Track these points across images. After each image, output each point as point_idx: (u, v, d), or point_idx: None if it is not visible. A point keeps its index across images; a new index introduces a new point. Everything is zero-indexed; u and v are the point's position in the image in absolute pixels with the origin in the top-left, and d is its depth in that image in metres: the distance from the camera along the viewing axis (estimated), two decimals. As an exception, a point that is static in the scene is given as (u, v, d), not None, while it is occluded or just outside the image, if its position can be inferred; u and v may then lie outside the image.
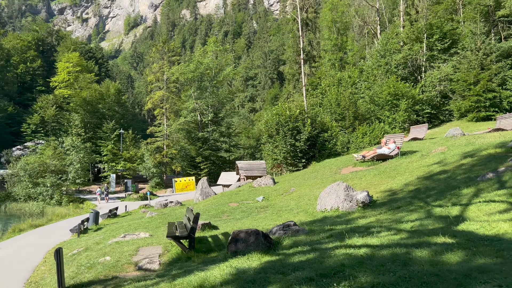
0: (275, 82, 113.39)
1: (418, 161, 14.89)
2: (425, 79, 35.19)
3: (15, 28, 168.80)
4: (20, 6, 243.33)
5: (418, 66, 37.45)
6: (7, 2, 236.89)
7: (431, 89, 34.09)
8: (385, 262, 4.47)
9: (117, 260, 8.24)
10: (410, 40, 37.07)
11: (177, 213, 17.36)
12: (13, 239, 18.41)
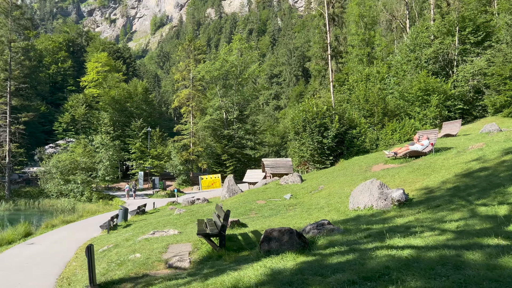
0: (300, 79, 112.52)
1: (454, 158, 14.23)
2: (457, 73, 33.95)
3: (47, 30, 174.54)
4: (52, 8, 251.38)
5: (450, 60, 36.16)
6: (39, 5, 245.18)
7: (464, 84, 32.86)
8: (434, 265, 4.13)
9: (147, 257, 8.17)
10: (441, 34, 35.82)
11: (204, 210, 17.30)
12: (46, 234, 18.84)
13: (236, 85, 51.66)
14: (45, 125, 62.97)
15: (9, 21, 45.00)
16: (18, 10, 46.97)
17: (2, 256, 13.17)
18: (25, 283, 8.80)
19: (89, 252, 6.10)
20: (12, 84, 45.56)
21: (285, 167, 31.00)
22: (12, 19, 45.36)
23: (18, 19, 46.96)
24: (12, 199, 41.69)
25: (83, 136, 51.90)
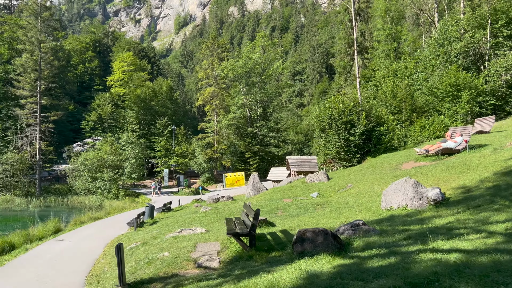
0: (324, 76, 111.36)
1: (491, 155, 13.58)
2: (489, 68, 32.63)
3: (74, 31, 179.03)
4: (79, 10, 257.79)
5: (481, 54, 34.82)
6: (67, 6, 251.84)
7: (496, 78, 31.56)
8: (488, 272, 3.79)
9: (175, 256, 8.06)
10: (472, 27, 34.52)
11: (230, 208, 17.18)
12: (74, 231, 19.15)
13: (259, 82, 51.44)
14: (73, 124, 64.51)
15: (39, 22, 46.22)
16: (47, 12, 48.19)
17: (33, 252, 13.41)
18: (56, 280, 8.86)
19: (118, 251, 6.01)
20: (42, 84, 46.80)
21: (310, 165, 30.61)
22: (42, 20, 46.56)
23: (47, 20, 48.19)
24: (42, 196, 42.88)
25: (110, 134, 52.86)
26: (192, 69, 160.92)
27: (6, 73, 54.37)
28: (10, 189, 43.32)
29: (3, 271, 10.36)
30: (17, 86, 47.45)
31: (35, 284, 8.47)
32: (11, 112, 50.61)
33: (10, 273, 9.88)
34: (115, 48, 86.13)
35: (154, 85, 61.54)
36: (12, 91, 49.32)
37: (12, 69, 53.08)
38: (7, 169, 42.20)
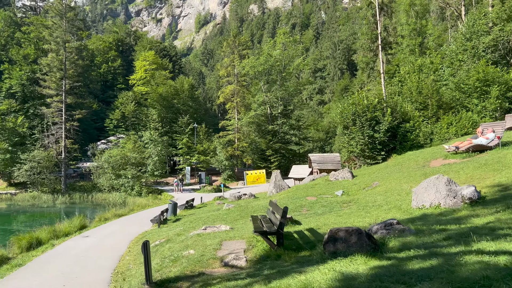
0: (345, 73, 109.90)
1: (527, 152, 12.96)
2: (520, 62, 31.39)
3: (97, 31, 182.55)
4: (102, 10, 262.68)
5: (511, 48, 33.53)
6: (91, 7, 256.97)
7: (527, 73, 30.28)
8: (546, 277, 3.47)
9: (201, 254, 7.92)
10: (501, 20, 33.26)
11: (253, 206, 17.00)
12: (99, 227, 19.37)
13: (280, 79, 51.10)
14: (97, 122, 65.68)
15: (64, 22, 47.15)
16: (72, 12, 49.12)
17: (60, 248, 13.57)
18: (82, 276, 8.87)
19: (145, 248, 5.90)
20: (67, 83, 47.77)
21: (333, 162, 30.15)
22: (66, 20, 47.49)
23: (72, 20, 49.14)
24: (67, 193, 43.80)
25: (133, 132, 53.57)
26: (212, 68, 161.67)
27: (33, 72, 55.75)
28: (37, 186, 44.44)
29: (30, 266, 10.49)
30: (43, 85, 48.59)
31: (62, 281, 8.49)
32: (38, 111, 51.90)
33: (37, 269, 9.97)
34: (137, 47, 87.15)
35: (175, 84, 62.00)
36: (38, 90, 50.54)
37: (38, 68, 54.38)
38: (34, 167, 43.26)
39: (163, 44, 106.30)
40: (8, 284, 8.53)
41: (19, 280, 8.83)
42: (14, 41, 65.05)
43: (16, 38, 65.35)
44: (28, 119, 53.72)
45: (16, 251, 16.41)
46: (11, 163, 45.19)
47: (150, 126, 53.70)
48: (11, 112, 52.83)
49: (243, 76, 52.13)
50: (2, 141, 45.78)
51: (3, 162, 45.40)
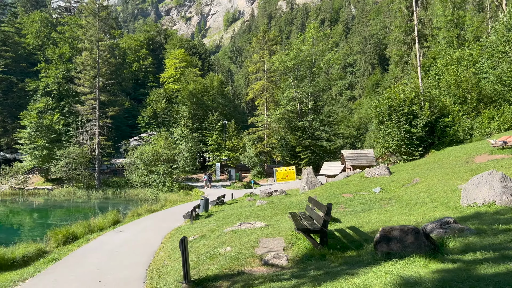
0: (376, 68, 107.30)
1: None
2: None
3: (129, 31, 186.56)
4: (133, 10, 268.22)
5: (558, 38, 31.53)
6: (122, 7, 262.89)
7: None
8: None
9: (239, 252, 7.59)
10: (547, 8, 31.31)
11: (286, 202, 16.57)
12: (132, 223, 19.46)
13: (310, 75, 50.27)
14: (129, 120, 66.87)
15: (97, 21, 48.12)
16: (105, 10, 50.09)
17: (95, 243, 13.61)
18: (117, 272, 8.73)
19: (183, 245, 5.61)
20: (100, 81, 48.78)
21: (367, 159, 29.28)
22: (100, 19, 48.45)
23: (105, 19, 50.09)
24: (101, 188, 44.77)
25: (164, 129, 54.15)
26: (241, 65, 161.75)
27: (68, 71, 57.33)
28: (72, 182, 45.66)
29: (67, 261, 10.50)
30: (78, 83, 49.84)
31: (97, 276, 8.38)
32: (73, 108, 53.33)
33: (73, 264, 9.95)
34: (168, 46, 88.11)
35: (205, 81, 62.28)
36: (73, 88, 51.90)
37: (73, 67, 55.88)
38: (70, 163, 44.44)
39: (193, 42, 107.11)
40: (45, 279, 8.50)
41: (55, 275, 8.79)
42: (50, 41, 67.19)
43: (52, 38, 67.46)
44: (64, 117, 55.28)
45: (53, 245, 16.69)
46: (48, 159, 46.63)
47: (181, 122, 54.11)
48: (48, 109, 54.52)
49: (273, 72, 51.58)
50: (40, 138, 47.29)
51: (41, 158, 46.91)
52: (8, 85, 56.62)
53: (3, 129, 54.22)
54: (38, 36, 70.58)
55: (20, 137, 48.57)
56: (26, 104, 55.40)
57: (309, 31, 50.94)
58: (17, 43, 65.08)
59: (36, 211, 35.28)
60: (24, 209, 37.02)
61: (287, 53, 49.87)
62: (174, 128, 52.42)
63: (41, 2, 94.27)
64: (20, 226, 28.25)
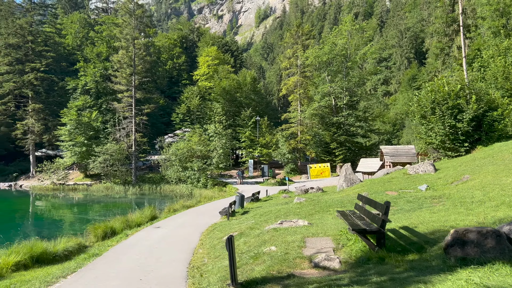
0: (413, 62, 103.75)
1: None
2: None
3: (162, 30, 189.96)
4: (167, 9, 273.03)
5: None
6: (156, 7, 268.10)
7: None
8: None
9: (285, 252, 7.14)
10: None
11: (326, 200, 15.98)
12: (169, 218, 19.45)
13: (345, 69, 49.04)
14: (163, 117, 67.86)
15: (133, 19, 48.93)
16: (140, 9, 50.89)
17: (133, 238, 13.57)
18: (158, 269, 8.51)
19: (229, 244, 5.23)
20: (136, 79, 49.63)
21: (408, 155, 28.10)
22: (135, 17, 49.25)
23: (140, 17, 50.92)
24: (137, 184, 45.59)
25: (198, 126, 54.52)
26: (272, 62, 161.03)
27: (105, 69, 58.79)
28: (110, 177, 46.78)
29: (107, 257, 10.41)
30: (114, 81, 50.96)
31: (138, 273, 8.17)
32: (110, 106, 54.63)
33: (113, 260, 9.84)
34: (200, 44, 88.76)
35: (238, 77, 62.17)
36: (110, 86, 53.12)
37: (110, 65, 57.24)
38: (107, 159, 45.51)
39: (225, 40, 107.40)
40: (86, 275, 8.39)
41: (96, 271, 8.67)
42: (88, 41, 69.17)
43: (90, 38, 69.42)
44: (102, 114, 56.73)
45: (93, 240, 16.89)
46: (87, 156, 47.98)
47: (214, 119, 54.27)
48: (86, 107, 56.14)
49: (307, 66, 50.65)
50: (79, 135, 48.72)
51: (80, 154, 48.36)
52: (49, 84, 58.70)
53: (45, 126, 56.28)
54: (77, 37, 72.84)
55: (60, 134, 50.25)
56: (66, 102, 57.30)
57: (344, 25, 49.66)
58: (58, 43, 67.40)
59: (76, 206, 36.30)
60: (64, 203, 38.22)
61: (321, 47, 48.83)
62: (208, 125, 52.65)
63: (80, 3, 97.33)
64: (61, 221, 29.07)
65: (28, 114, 56.49)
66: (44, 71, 57.89)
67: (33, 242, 13.85)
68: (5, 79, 55.64)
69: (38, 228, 25.67)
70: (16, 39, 57.08)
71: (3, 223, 28.40)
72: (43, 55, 59.11)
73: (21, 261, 13.01)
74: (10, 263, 12.71)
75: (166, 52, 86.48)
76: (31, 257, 13.32)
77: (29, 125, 55.51)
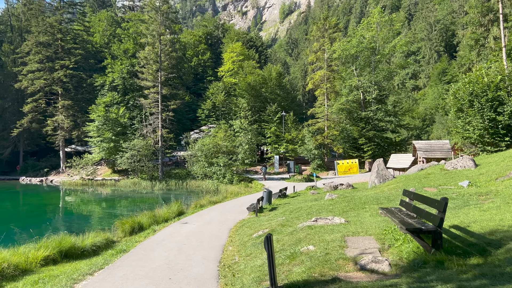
0: (443, 55, 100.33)
1: None
2: None
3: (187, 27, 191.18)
4: (191, 7, 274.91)
5: None
6: (181, 5, 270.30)
7: None
8: None
9: (325, 252, 6.56)
10: None
11: (360, 196, 15.23)
12: (196, 214, 19.16)
13: (374, 62, 47.62)
14: (189, 114, 68.06)
15: (159, 15, 49.06)
16: (166, 5, 50.97)
17: (161, 234, 13.28)
18: (187, 268, 8.10)
19: (268, 244, 4.71)
20: (162, 75, 49.81)
21: (442, 150, 26.86)
22: (161, 13, 49.36)
23: (166, 13, 51.02)
24: (164, 180, 45.81)
25: (223, 121, 54.29)
26: (297, 57, 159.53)
27: (132, 66, 59.38)
28: (137, 173, 47.22)
29: (134, 253, 10.10)
30: (141, 77, 51.32)
31: (167, 273, 7.77)
32: (137, 102, 55.15)
33: (141, 257, 9.50)
34: (225, 40, 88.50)
35: (263, 72, 61.54)
36: (137, 82, 53.56)
37: (137, 62, 57.76)
38: (135, 155, 45.91)
39: (250, 35, 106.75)
40: (113, 273, 8.06)
41: (124, 269, 8.33)
42: (115, 38, 70.09)
43: (117, 35, 70.33)
44: (129, 110, 57.34)
45: (120, 235, 16.78)
46: (115, 151, 48.58)
47: (240, 114, 53.88)
48: (114, 103, 56.86)
49: (333, 60, 49.44)
50: (107, 131, 49.37)
51: (108, 150, 49.02)
52: (78, 81, 59.78)
53: (74, 122, 57.38)
54: (104, 35, 73.95)
55: (89, 130, 51.08)
56: (94, 98, 58.22)
57: (372, 17, 48.19)
58: (86, 41, 68.59)
59: (104, 200, 36.74)
60: (93, 198, 38.78)
61: (349, 40, 47.56)
62: (233, 120, 52.34)
63: (107, 2, 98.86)
64: (90, 215, 29.41)
65: (58, 111, 57.72)
66: (73, 68, 58.98)
67: (61, 236, 13.80)
68: (36, 77, 56.99)
69: (68, 223, 25.99)
70: (46, 37, 58.33)
71: (35, 217, 28.98)
72: (72, 53, 60.21)
73: (50, 256, 12.96)
74: (39, 258, 12.66)
75: (191, 49, 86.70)
76: (60, 251, 13.26)
77: (59, 122, 56.71)
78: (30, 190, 46.67)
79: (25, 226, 22.88)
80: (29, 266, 12.17)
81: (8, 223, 25.92)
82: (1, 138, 60.86)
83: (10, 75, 61.72)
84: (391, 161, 33.54)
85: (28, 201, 38.92)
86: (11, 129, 57.79)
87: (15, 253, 12.51)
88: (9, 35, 71.11)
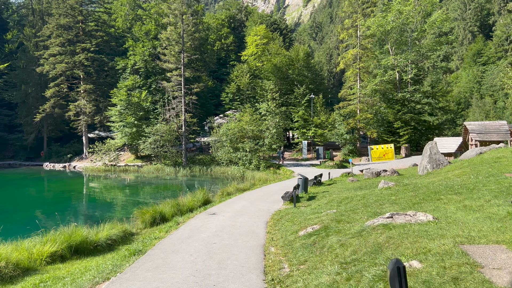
0: (477, 36, 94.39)
1: None
2: None
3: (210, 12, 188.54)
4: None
5: None
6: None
7: None
8: None
9: (448, 275, 4.11)
10: None
11: (424, 184, 12.56)
12: (224, 203, 17.00)
13: (411, 39, 43.99)
14: (212, 99, 66.00)
15: (181, -7, 46.67)
16: (188, -19, 48.50)
17: (185, 229, 11.09)
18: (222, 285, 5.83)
19: (400, 279, 2.36)
20: (185, 56, 47.64)
21: (499, 132, 23.73)
22: (183, -10, 46.98)
23: (189, -10, 48.61)
24: (188, 166, 44.01)
25: (248, 105, 51.80)
26: (321, 41, 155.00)
27: (154, 48, 57.45)
28: (160, 159, 45.61)
29: (152, 257, 7.88)
30: (163, 59, 49.28)
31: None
32: (159, 85, 53.25)
33: (160, 264, 7.27)
34: (248, 23, 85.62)
35: (290, 53, 58.51)
36: (159, 64, 51.58)
37: (159, 44, 55.78)
38: (158, 140, 44.20)
39: (273, 18, 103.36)
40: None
41: (135, 284, 6.10)
42: (138, 22, 68.31)
43: (138, 17, 68.55)
44: (151, 94, 55.62)
45: (140, 226, 14.84)
46: (137, 137, 47.03)
47: (267, 97, 51.22)
48: (136, 87, 55.17)
49: (367, 38, 45.88)
50: (129, 115, 47.80)
51: (131, 135, 47.48)
52: (99, 64, 58.38)
53: (96, 107, 56.18)
54: (126, 19, 72.32)
55: (111, 114, 49.65)
56: (116, 83, 56.71)
57: (409, -10, 44.36)
58: (107, 24, 67.09)
59: (128, 187, 35.26)
60: (116, 185, 37.40)
61: (384, 15, 43.98)
62: (259, 104, 49.82)
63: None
64: (113, 202, 27.92)
65: (80, 95, 56.61)
66: (94, 51, 57.56)
67: (72, 229, 11.89)
68: (57, 60, 55.85)
69: (91, 210, 24.60)
70: (67, 19, 56.96)
71: (57, 204, 27.72)
72: (93, 35, 58.76)
73: (57, 252, 11.04)
74: (45, 254, 10.72)
75: (214, 33, 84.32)
76: (69, 246, 11.33)
77: (81, 106, 55.62)
78: (54, 176, 45.85)
79: (51, 212, 21.67)
80: (32, 264, 10.29)
81: (33, 210, 24.78)
82: (25, 123, 60.48)
83: (33, 59, 60.94)
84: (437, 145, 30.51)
85: (52, 188, 37.98)
86: (34, 114, 57.15)
87: (17, 248, 10.66)
88: (30, 19, 70.39)
